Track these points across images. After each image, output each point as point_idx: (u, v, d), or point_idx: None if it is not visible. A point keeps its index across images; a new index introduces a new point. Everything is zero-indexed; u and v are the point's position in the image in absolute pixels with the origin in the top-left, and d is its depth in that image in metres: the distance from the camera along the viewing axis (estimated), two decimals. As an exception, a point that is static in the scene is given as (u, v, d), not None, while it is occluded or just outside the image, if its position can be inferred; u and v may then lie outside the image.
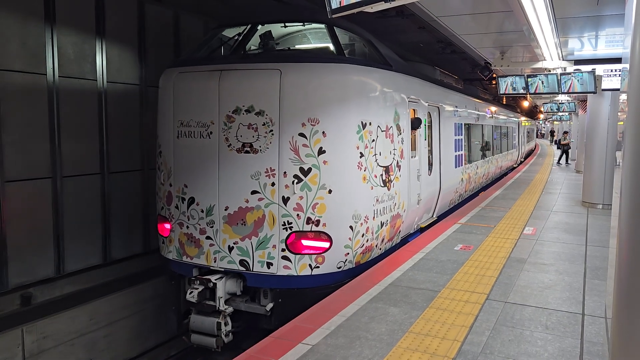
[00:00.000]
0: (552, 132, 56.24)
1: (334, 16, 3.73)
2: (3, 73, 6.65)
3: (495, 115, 16.36)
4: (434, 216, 9.21)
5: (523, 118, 27.05)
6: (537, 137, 50.01)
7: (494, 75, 11.90)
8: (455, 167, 10.43)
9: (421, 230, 8.44)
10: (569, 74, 9.70)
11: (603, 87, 9.65)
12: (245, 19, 6.99)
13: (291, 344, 3.96)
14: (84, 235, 7.82)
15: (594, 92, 9.64)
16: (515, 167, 21.65)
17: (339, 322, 4.39)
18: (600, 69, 9.69)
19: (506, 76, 10.41)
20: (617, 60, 9.60)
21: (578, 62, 10.13)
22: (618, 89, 9.18)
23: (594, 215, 9.70)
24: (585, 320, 4.49)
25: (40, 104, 7.13)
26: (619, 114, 7.58)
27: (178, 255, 6.46)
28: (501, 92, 10.40)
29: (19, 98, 6.83)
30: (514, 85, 10.18)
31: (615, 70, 9.56)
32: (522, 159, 25.62)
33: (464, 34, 8.94)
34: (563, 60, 10.16)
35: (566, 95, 15.73)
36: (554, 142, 49.74)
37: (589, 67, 9.69)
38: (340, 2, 3.64)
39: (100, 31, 7.92)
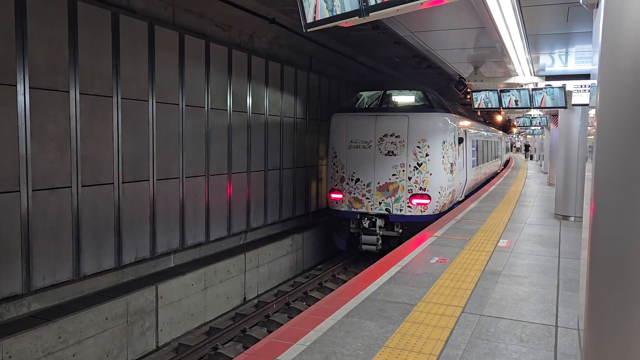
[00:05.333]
0: (527, 147, 57.06)
1: (308, 30, 3.72)
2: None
3: (488, 133, 21.69)
4: (462, 196, 14.27)
5: (501, 133, 30.31)
6: (511, 150, 50.71)
7: (468, 90, 12.17)
8: (472, 167, 15.59)
9: (457, 203, 13.49)
10: (541, 89, 9.89)
11: (573, 102, 9.85)
12: (379, 87, 12.79)
13: (266, 360, 3.89)
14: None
15: (565, 107, 9.83)
16: (498, 172, 26.31)
17: (315, 337, 4.34)
18: (570, 84, 9.90)
19: (480, 91, 10.58)
20: (587, 76, 9.84)
21: (549, 77, 10.34)
22: (587, 104, 9.40)
23: (567, 227, 9.87)
24: (559, 332, 4.53)
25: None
26: (588, 128, 7.76)
27: (348, 208, 11.99)
28: (475, 107, 10.57)
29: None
30: (488, 100, 10.34)
31: (585, 86, 9.78)
32: (503, 166, 30.68)
33: (439, 49, 9.08)
34: (535, 75, 10.37)
35: (538, 110, 16.07)
36: (529, 157, 50.60)
37: (559, 83, 9.89)
38: (314, 17, 3.64)
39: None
